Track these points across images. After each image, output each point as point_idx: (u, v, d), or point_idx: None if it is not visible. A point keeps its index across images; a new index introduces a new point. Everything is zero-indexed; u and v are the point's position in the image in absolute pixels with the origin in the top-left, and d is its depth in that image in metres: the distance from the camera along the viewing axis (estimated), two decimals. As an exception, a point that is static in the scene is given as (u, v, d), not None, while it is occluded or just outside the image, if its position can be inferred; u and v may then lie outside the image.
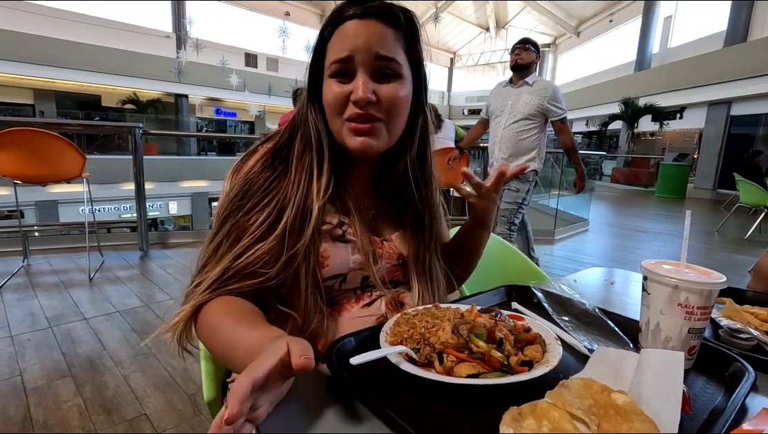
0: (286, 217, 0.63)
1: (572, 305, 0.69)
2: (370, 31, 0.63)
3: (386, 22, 0.65)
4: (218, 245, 0.63)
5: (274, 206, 0.64)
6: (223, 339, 0.55)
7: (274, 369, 0.41)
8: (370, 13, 0.64)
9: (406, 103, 0.68)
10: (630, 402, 0.44)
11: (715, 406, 0.48)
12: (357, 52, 0.63)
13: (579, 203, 6.82)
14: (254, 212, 0.63)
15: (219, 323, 0.57)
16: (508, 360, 0.48)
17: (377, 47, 0.63)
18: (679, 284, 0.52)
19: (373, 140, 0.66)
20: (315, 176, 0.67)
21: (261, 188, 0.65)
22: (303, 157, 0.68)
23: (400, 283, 0.77)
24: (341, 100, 0.64)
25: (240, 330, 0.53)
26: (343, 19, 0.64)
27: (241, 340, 0.52)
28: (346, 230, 0.69)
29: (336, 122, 0.66)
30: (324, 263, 0.66)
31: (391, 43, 0.65)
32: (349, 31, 0.63)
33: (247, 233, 0.62)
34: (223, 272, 0.60)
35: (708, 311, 0.53)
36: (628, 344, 0.59)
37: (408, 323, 0.56)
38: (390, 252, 0.74)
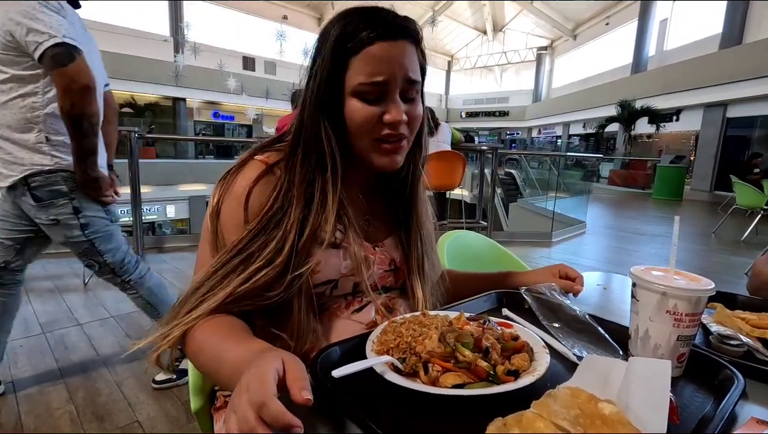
0: (293, 240, 0.62)
1: (563, 312, 0.69)
2: (402, 54, 0.63)
3: (410, 41, 0.65)
4: (227, 273, 0.60)
5: (283, 230, 0.62)
6: (209, 355, 0.54)
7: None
8: (397, 34, 0.63)
9: (422, 116, 0.70)
10: (617, 412, 0.43)
11: (704, 414, 0.48)
12: (391, 76, 0.63)
13: (576, 206, 6.85)
14: (264, 238, 0.62)
15: (206, 339, 0.56)
16: (494, 370, 0.47)
17: (407, 72, 0.64)
18: (667, 291, 0.52)
19: (399, 157, 0.68)
20: (329, 197, 0.65)
21: (273, 216, 0.63)
22: (314, 177, 0.66)
23: (391, 289, 0.76)
24: (372, 120, 0.64)
25: (227, 345, 0.52)
26: (370, 38, 0.62)
27: (227, 356, 0.51)
28: (339, 237, 0.68)
29: (363, 141, 0.66)
30: (316, 270, 0.65)
31: (416, 63, 0.66)
32: (382, 54, 0.62)
33: (255, 258, 0.61)
34: (226, 297, 0.59)
35: (697, 318, 0.53)
36: (618, 351, 0.59)
37: (395, 331, 0.55)
38: (382, 258, 0.74)
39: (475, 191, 5.44)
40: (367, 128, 0.64)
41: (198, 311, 0.58)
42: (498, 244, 1.40)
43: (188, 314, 0.58)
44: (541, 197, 7.90)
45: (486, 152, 4.58)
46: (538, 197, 8.29)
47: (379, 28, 0.62)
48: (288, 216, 0.63)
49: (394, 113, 0.63)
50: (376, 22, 0.62)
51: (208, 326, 0.57)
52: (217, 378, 0.55)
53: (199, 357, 0.56)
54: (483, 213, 4.89)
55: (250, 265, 0.60)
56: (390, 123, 0.63)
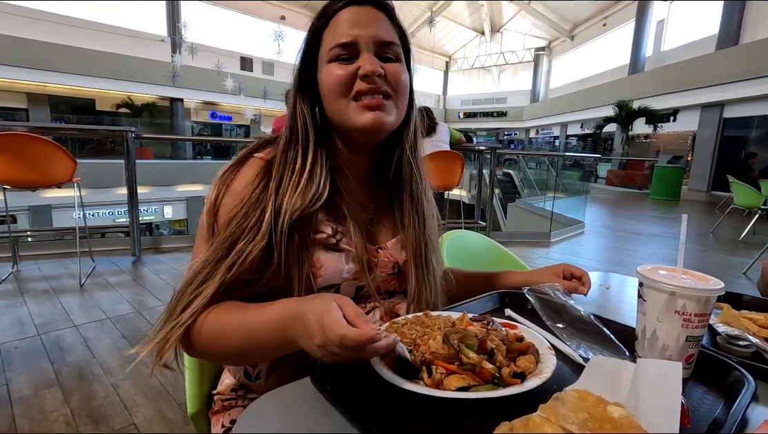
0: (271, 210, 0.62)
1: (567, 312, 0.67)
2: (370, 16, 0.65)
3: (382, 9, 0.66)
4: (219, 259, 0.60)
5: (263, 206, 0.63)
6: (236, 332, 0.54)
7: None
8: (366, 1, 0.65)
9: (407, 84, 0.69)
10: (626, 415, 0.42)
11: (715, 417, 0.46)
12: (360, 36, 0.63)
13: (574, 206, 6.85)
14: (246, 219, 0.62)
15: (222, 322, 0.55)
16: (499, 372, 0.46)
17: (379, 32, 0.65)
18: (676, 290, 0.51)
19: (385, 114, 0.65)
20: (298, 168, 0.65)
21: (253, 194, 0.63)
22: (287, 151, 0.66)
23: (395, 293, 0.74)
24: (346, 79, 0.63)
25: (251, 315, 0.53)
26: (337, 8, 0.65)
27: (260, 321, 0.52)
28: (340, 239, 0.67)
29: (341, 103, 0.64)
30: (317, 273, 0.64)
31: (390, 29, 0.67)
32: (348, 17, 0.64)
33: (238, 239, 0.61)
34: (219, 285, 0.58)
35: (706, 318, 0.52)
36: (625, 352, 0.58)
37: (397, 332, 0.54)
38: (385, 261, 0.72)
39: (474, 192, 5.43)
40: (341, 88, 0.64)
41: (194, 305, 0.57)
42: (498, 244, 1.39)
43: (184, 311, 0.57)
44: (540, 197, 7.91)
45: (484, 152, 4.58)
46: (537, 197, 8.30)
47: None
48: (267, 192, 0.64)
49: (366, 65, 0.62)
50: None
51: (217, 311, 0.57)
52: (253, 351, 0.56)
53: (217, 345, 0.56)
54: (482, 213, 4.88)
55: (235, 247, 0.60)
56: (364, 75, 0.62)
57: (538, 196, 8.16)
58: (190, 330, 0.57)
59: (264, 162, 0.67)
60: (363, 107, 0.64)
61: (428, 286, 0.72)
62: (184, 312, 0.57)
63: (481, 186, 4.63)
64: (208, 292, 0.57)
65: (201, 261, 0.60)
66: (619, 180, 14.28)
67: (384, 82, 0.64)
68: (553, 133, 22.74)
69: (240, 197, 0.63)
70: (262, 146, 0.71)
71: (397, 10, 0.69)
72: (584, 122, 18.62)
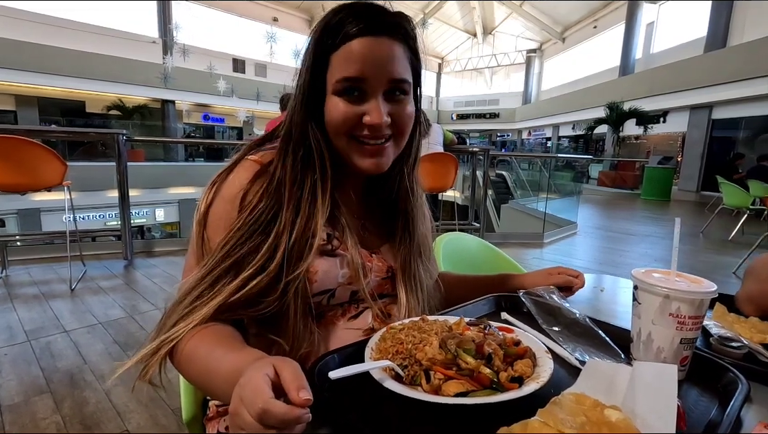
0: (284, 245, 0.60)
1: (562, 315, 0.68)
2: (383, 51, 0.61)
3: (397, 38, 0.62)
4: (216, 279, 0.58)
5: (274, 234, 0.60)
6: (199, 367, 0.52)
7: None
8: (382, 30, 0.61)
9: (412, 118, 0.68)
10: (624, 418, 0.42)
11: (710, 419, 0.47)
12: (371, 74, 0.60)
13: (566, 207, 6.90)
14: (254, 242, 0.60)
15: (195, 349, 0.53)
16: (497, 377, 0.46)
17: (391, 71, 0.61)
18: (670, 293, 0.51)
19: (385, 159, 0.65)
20: (319, 198, 0.63)
21: (262, 218, 0.61)
22: (303, 179, 0.63)
23: (388, 296, 0.74)
24: (352, 120, 0.62)
25: (217, 355, 0.50)
26: (350, 34, 0.60)
27: (218, 366, 0.49)
28: (336, 245, 0.67)
29: (342, 140, 0.64)
30: (312, 279, 0.63)
31: (403, 63, 0.63)
32: (361, 49, 0.60)
33: (246, 265, 0.58)
34: (218, 307, 0.56)
35: (700, 320, 0.52)
36: (620, 355, 0.58)
37: (394, 338, 0.54)
38: (379, 265, 0.72)
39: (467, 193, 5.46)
40: (346, 127, 0.62)
41: (187, 321, 0.56)
42: (493, 246, 1.40)
43: (176, 326, 0.56)
44: (532, 198, 7.95)
45: (477, 154, 4.59)
46: (529, 198, 8.34)
47: (361, 23, 0.60)
48: (279, 219, 0.61)
49: (374, 115, 0.60)
50: (360, 17, 0.60)
51: (198, 335, 0.55)
52: (208, 390, 0.53)
53: (188, 368, 0.54)
54: (475, 215, 4.90)
55: (241, 272, 0.58)
56: (371, 126, 0.61)
57: (531, 197, 8.21)
58: (176, 346, 0.55)
59: (259, 165, 0.65)
60: (365, 152, 0.64)
61: (417, 299, 0.73)
62: (174, 327, 0.56)
63: (475, 187, 4.64)
64: (206, 311, 0.56)
65: (196, 278, 0.58)
66: (611, 181, 14.41)
67: (389, 126, 0.63)
68: (545, 134, 22.90)
69: (233, 204, 0.62)
70: (253, 148, 0.70)
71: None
72: (576, 123, 18.77)
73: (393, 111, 0.63)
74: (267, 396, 0.36)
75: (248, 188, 0.63)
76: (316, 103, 0.64)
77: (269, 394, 0.36)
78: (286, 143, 0.65)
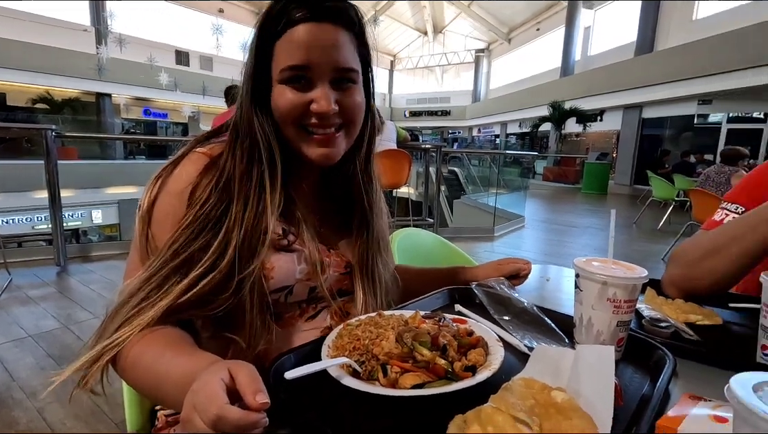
0: (236, 240, 0.57)
1: (512, 304, 0.71)
2: (327, 38, 0.59)
3: (341, 25, 0.61)
4: (164, 279, 0.55)
5: (225, 230, 0.58)
6: (146, 373, 0.49)
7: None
8: (325, 16, 0.60)
9: (363, 107, 0.67)
10: (568, 399, 0.45)
11: (643, 394, 0.51)
12: (315, 62, 0.59)
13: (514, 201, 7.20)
14: (205, 239, 0.57)
15: (141, 355, 0.50)
16: (452, 367, 0.47)
17: (337, 58, 0.60)
18: (607, 280, 0.55)
19: (335, 149, 0.64)
20: (268, 192, 0.61)
21: (213, 213, 0.58)
22: (251, 170, 0.61)
23: (348, 292, 0.74)
24: (299, 108, 0.60)
25: (166, 360, 0.48)
26: (293, 20, 0.59)
27: (168, 372, 0.46)
28: (292, 240, 0.65)
29: (291, 130, 0.63)
30: (269, 276, 0.62)
31: (348, 51, 0.62)
32: (304, 36, 0.58)
33: (196, 263, 0.56)
34: (166, 308, 0.53)
35: (633, 303, 0.57)
36: (564, 340, 0.62)
37: (351, 334, 0.54)
38: (337, 261, 0.71)
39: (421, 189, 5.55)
40: (293, 115, 0.61)
41: (132, 325, 0.52)
42: (446, 241, 1.43)
43: (119, 330, 0.52)
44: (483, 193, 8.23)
45: (430, 151, 4.68)
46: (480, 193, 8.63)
47: (303, 9, 0.58)
48: (229, 214, 0.59)
49: (321, 102, 0.59)
50: (302, 3, 0.59)
51: (144, 339, 0.52)
52: (157, 398, 0.50)
53: (134, 376, 0.51)
54: (429, 210, 4.99)
55: (191, 270, 0.55)
56: (318, 113, 0.60)
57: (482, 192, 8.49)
58: (120, 352, 0.52)
59: (208, 158, 0.63)
60: (315, 141, 0.63)
61: (374, 295, 0.73)
62: (117, 332, 0.52)
63: (428, 184, 4.73)
64: (153, 313, 0.53)
65: (142, 279, 0.55)
66: (555, 176, 15.24)
67: (338, 115, 0.62)
68: (494, 131, 23.76)
69: (180, 198, 0.59)
70: (201, 141, 0.67)
71: None
72: (522, 121, 19.62)
73: (341, 99, 0.62)
74: (221, 402, 0.35)
75: (197, 182, 0.60)
76: (262, 92, 0.62)
77: (224, 399, 0.35)
78: (235, 135, 0.63)
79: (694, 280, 0.77)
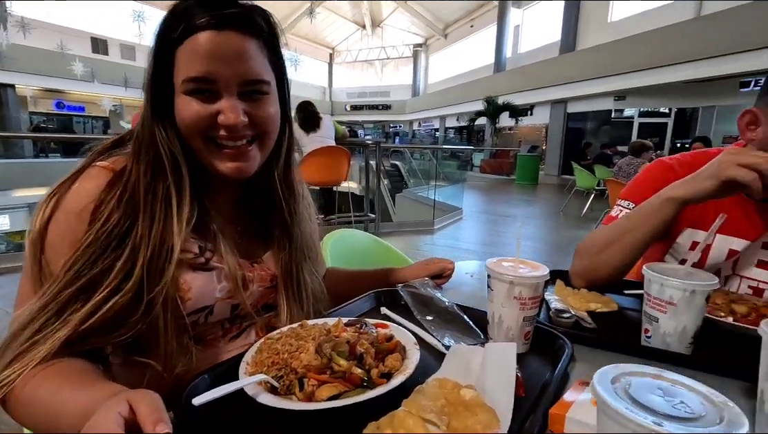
0: (142, 259, 0.54)
1: (434, 304, 0.74)
2: (232, 48, 0.56)
3: (248, 33, 0.58)
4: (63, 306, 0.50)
5: (130, 249, 0.54)
6: (40, 411, 0.45)
7: None
8: (229, 23, 0.56)
9: (277, 118, 0.64)
10: (475, 395, 0.48)
11: (545, 381, 0.56)
12: (219, 75, 0.56)
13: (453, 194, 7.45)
14: (108, 260, 0.53)
15: (34, 392, 0.46)
16: (368, 374, 0.49)
17: (243, 70, 0.57)
18: (513, 280, 0.60)
19: (247, 163, 0.62)
20: (174, 206, 0.58)
21: (116, 232, 0.54)
22: (155, 185, 0.57)
23: (275, 307, 0.72)
24: (205, 120, 0.57)
25: (64, 395, 0.45)
26: (195, 26, 0.55)
27: (64, 408, 0.43)
28: (209, 257, 0.63)
29: (198, 142, 0.59)
30: (186, 297, 0.59)
31: (257, 61, 0.59)
32: (205, 45, 0.55)
33: (99, 287, 0.52)
34: (65, 338, 0.49)
35: (538, 300, 0.62)
36: (480, 336, 0.66)
37: (270, 349, 0.53)
38: (262, 274, 0.70)
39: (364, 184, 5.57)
40: (199, 127, 0.58)
41: (24, 360, 0.48)
42: (381, 240, 1.46)
43: (10, 366, 0.48)
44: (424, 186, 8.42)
45: (370, 146, 4.71)
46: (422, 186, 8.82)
47: (205, 15, 0.55)
48: (134, 232, 0.55)
49: (228, 115, 0.57)
50: (205, 8, 0.55)
51: (40, 374, 0.48)
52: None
53: (26, 415, 0.47)
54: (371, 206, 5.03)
55: (93, 294, 0.51)
56: (227, 126, 0.58)
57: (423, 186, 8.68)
58: (11, 389, 0.48)
59: (111, 173, 0.58)
60: (225, 155, 0.60)
61: (301, 306, 0.72)
62: (7, 370, 0.48)
63: (368, 179, 4.76)
64: (50, 345, 0.48)
65: (35, 308, 0.50)
66: (491, 168, 15.96)
67: (249, 127, 0.60)
68: (434, 125, 24.36)
69: (80, 218, 0.54)
70: (102, 153, 0.62)
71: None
72: (459, 115, 20.28)
73: (251, 111, 0.60)
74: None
75: (100, 199, 0.55)
76: (165, 101, 0.59)
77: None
78: (138, 146, 0.59)
79: (594, 271, 0.85)
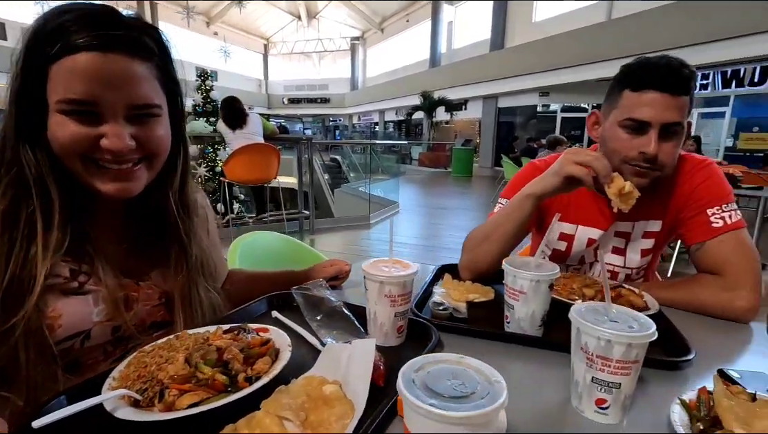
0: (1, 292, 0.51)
1: (324, 305, 0.78)
2: (118, 73, 0.53)
3: (137, 55, 0.55)
4: None
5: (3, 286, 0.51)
6: None
7: None
8: (115, 45, 0.52)
9: (167, 140, 0.63)
10: (335, 390, 0.53)
11: (410, 370, 0.62)
12: (103, 99, 0.53)
13: (389, 188, 7.57)
14: None
15: None
16: (233, 379, 0.51)
17: (131, 96, 0.55)
18: (383, 280, 0.65)
19: (134, 183, 0.60)
20: (39, 234, 0.54)
21: None
22: (17, 209, 0.54)
23: (165, 323, 0.71)
24: (85, 143, 0.54)
25: None
26: (74, 45, 0.51)
27: None
28: (84, 281, 0.61)
29: (76, 164, 0.56)
30: (55, 324, 0.56)
31: (147, 85, 0.56)
32: (87, 68, 0.51)
33: None
34: None
35: (407, 296, 0.67)
36: (363, 333, 0.70)
37: (139, 362, 0.54)
38: (149, 293, 0.68)
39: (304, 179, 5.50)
40: (78, 150, 0.55)
41: None
42: (296, 240, 1.47)
43: None
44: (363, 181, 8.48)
45: (302, 143, 4.66)
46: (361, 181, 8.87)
47: (87, 34, 0.52)
48: None
49: (113, 140, 0.55)
50: (86, 26, 0.52)
51: None
52: None
53: None
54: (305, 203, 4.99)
55: None
56: (111, 151, 0.56)
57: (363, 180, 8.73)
58: None
59: None
60: (108, 176, 0.57)
61: (196, 321, 0.72)
62: None
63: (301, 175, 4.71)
64: None
65: None
66: (429, 161, 16.41)
67: (136, 150, 0.57)
68: (374, 119, 24.50)
69: None
70: None
71: None
72: (398, 109, 20.59)
73: (139, 134, 0.58)
74: None
75: None
76: (33, 118, 0.55)
77: None
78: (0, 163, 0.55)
79: (475, 263, 0.93)
